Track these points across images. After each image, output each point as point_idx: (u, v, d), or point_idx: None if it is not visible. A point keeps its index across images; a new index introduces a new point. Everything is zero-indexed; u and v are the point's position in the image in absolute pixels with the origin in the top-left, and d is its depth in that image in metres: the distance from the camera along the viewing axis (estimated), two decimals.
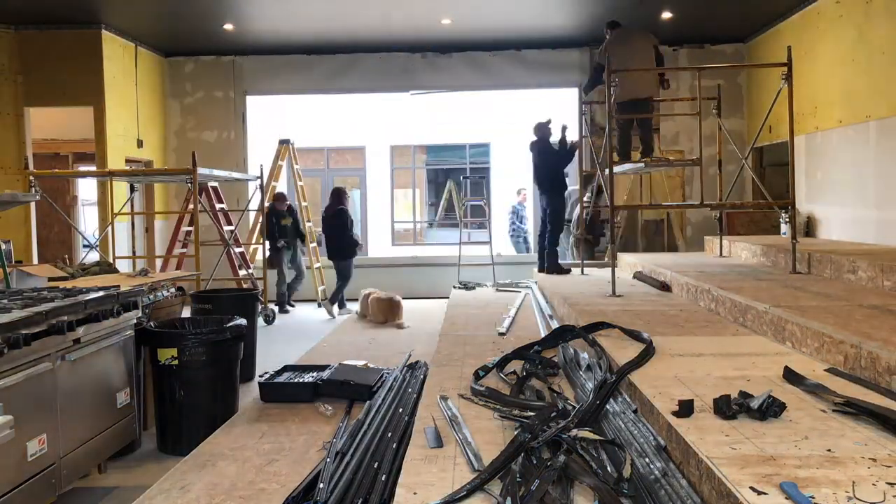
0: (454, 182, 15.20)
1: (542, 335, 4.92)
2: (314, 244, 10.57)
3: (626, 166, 7.33)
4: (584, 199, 9.22)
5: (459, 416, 3.13)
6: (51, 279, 4.88)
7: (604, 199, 8.09)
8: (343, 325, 8.10)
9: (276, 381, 4.77)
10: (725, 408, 2.63)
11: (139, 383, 4.39)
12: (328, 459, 3.23)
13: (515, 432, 2.83)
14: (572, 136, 8.21)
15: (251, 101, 11.25)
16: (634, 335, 4.16)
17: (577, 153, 8.22)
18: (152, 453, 4.32)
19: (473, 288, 8.37)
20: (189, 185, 7.42)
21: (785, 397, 2.78)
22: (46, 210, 10.33)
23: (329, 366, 5.12)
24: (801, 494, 1.92)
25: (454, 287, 8.49)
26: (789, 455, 2.21)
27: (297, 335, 7.93)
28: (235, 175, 9.12)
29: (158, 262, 9.67)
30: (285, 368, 5.15)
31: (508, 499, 2.22)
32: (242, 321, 4.58)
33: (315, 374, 4.91)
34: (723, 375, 3.26)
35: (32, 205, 9.27)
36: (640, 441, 2.67)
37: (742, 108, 10.73)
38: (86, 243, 11.73)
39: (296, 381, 4.76)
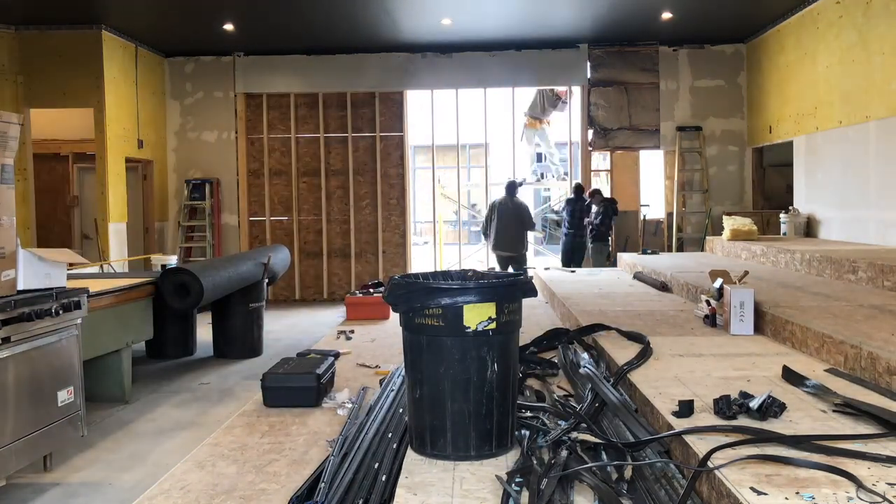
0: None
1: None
2: None
3: None
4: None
5: None
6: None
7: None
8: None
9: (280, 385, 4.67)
10: (726, 408, 2.63)
11: None
12: (333, 457, 3.23)
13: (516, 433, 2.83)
14: None
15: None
16: (632, 336, 4.17)
17: None
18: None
19: None
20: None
21: (785, 397, 2.78)
22: (46, 211, 10.34)
23: (329, 354, 5.08)
24: None
25: None
26: (789, 455, 2.21)
27: None
28: None
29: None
30: (285, 361, 5.05)
31: (525, 491, 2.26)
32: None
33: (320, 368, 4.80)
34: (723, 375, 3.26)
35: (33, 206, 9.29)
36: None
37: (742, 108, 10.73)
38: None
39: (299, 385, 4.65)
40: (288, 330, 8.57)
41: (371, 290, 8.69)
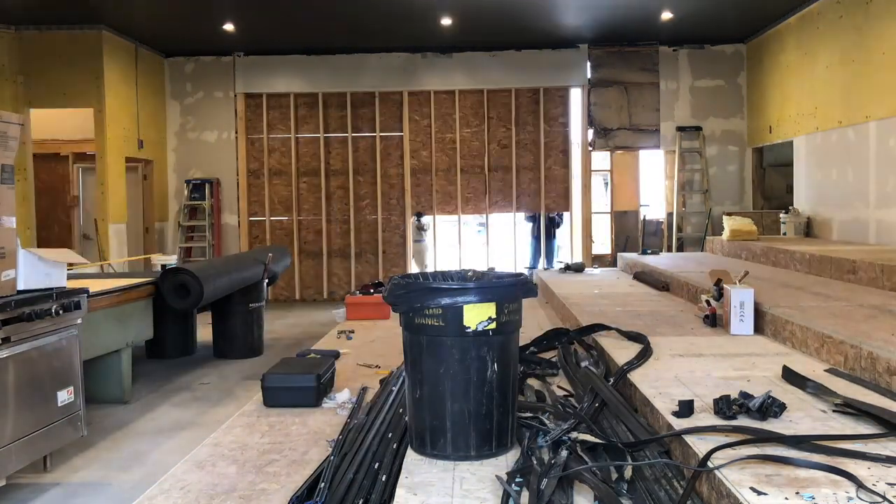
0: None
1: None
2: None
3: None
4: None
5: None
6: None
7: None
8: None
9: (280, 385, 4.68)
10: (726, 408, 2.63)
11: None
12: (333, 457, 3.23)
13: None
14: None
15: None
16: (632, 336, 4.17)
17: None
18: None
19: None
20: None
21: (785, 397, 2.78)
22: (46, 211, 10.35)
23: (329, 354, 5.07)
24: None
25: None
26: (789, 455, 2.21)
27: None
28: None
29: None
30: (285, 361, 5.05)
31: (525, 491, 2.26)
32: None
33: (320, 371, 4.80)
34: (723, 375, 3.26)
35: (33, 206, 9.28)
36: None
37: (742, 108, 10.74)
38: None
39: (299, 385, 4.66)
40: (288, 330, 8.57)
41: (371, 291, 8.68)
